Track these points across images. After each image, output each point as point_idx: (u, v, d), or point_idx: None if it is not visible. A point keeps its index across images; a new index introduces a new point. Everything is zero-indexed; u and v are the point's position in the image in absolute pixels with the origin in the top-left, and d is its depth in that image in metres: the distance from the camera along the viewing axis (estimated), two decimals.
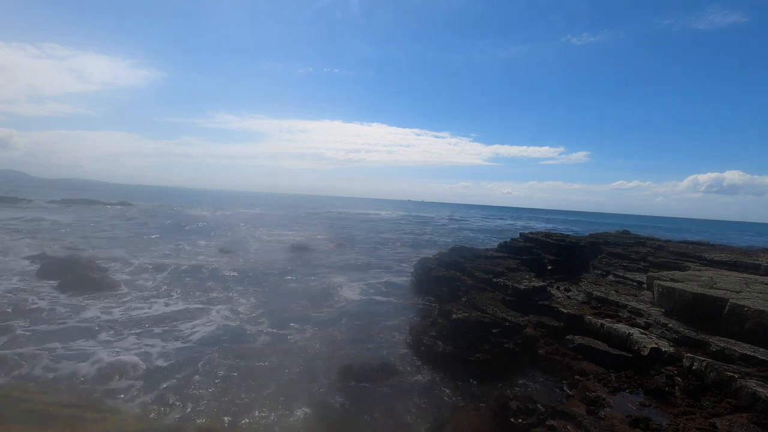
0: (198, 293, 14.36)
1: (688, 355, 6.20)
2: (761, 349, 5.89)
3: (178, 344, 9.72)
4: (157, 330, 10.56)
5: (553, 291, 10.62)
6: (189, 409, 6.92)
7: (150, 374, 8.11)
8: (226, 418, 6.75)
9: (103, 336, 9.90)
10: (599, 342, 7.42)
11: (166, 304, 12.81)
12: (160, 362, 8.68)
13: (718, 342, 6.25)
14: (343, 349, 9.97)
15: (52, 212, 41.39)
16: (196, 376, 8.14)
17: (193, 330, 10.77)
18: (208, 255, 22.62)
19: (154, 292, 14.09)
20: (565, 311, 8.72)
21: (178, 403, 7.08)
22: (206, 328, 11.00)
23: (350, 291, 16.16)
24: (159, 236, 28.66)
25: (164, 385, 7.68)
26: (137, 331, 10.37)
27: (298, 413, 7.01)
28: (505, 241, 17.35)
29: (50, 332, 9.87)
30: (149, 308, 12.34)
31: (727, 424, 4.84)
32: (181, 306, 12.78)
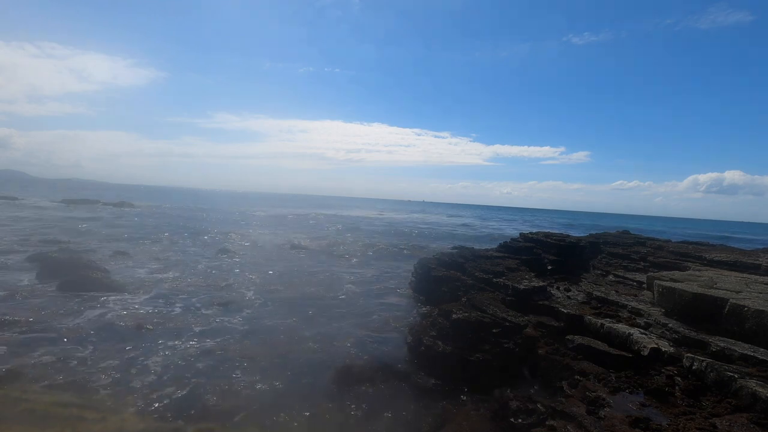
0: (198, 294, 14.36)
1: (688, 355, 6.20)
2: (761, 349, 5.88)
3: (178, 344, 9.71)
4: (157, 330, 10.56)
5: (553, 291, 10.60)
6: (189, 410, 6.92)
7: (150, 374, 8.11)
8: (226, 419, 6.75)
9: (103, 337, 9.90)
10: (599, 342, 7.40)
11: (167, 304, 12.81)
12: (160, 362, 8.67)
13: (718, 342, 6.24)
14: (343, 349, 9.97)
15: (52, 212, 41.39)
16: (197, 377, 8.14)
17: (194, 330, 10.77)
18: (210, 255, 22.62)
19: (155, 293, 14.09)
20: (565, 311, 8.71)
21: (178, 404, 7.08)
22: (207, 328, 11.00)
23: (350, 291, 16.17)
24: (161, 236, 28.68)
25: (164, 385, 7.68)
26: (138, 331, 10.37)
27: (299, 414, 7.01)
28: (505, 241, 17.34)
29: (50, 333, 9.87)
30: (150, 309, 12.33)
31: (727, 424, 4.83)
32: (180, 306, 12.78)
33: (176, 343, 9.78)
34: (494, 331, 8.56)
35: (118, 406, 6.82)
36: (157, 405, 6.98)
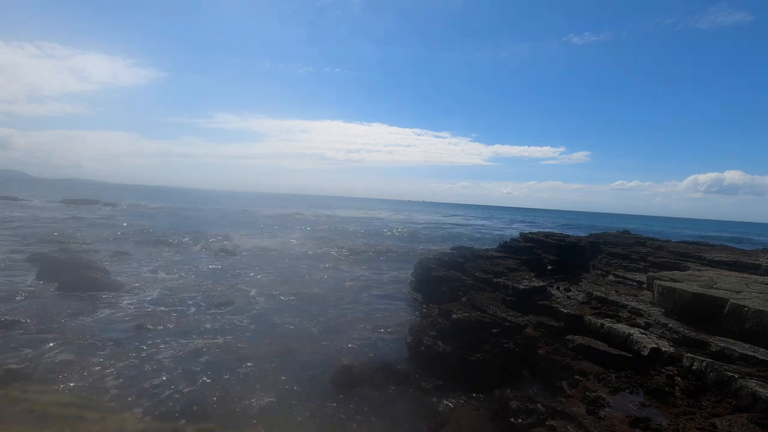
0: (198, 294, 14.36)
1: (688, 355, 6.20)
2: (761, 349, 5.88)
3: (178, 344, 9.71)
4: (158, 330, 10.55)
5: (553, 291, 10.60)
6: (189, 410, 6.92)
7: (150, 374, 8.11)
8: (227, 419, 6.75)
9: (103, 337, 9.90)
10: (599, 342, 7.40)
11: (167, 304, 12.80)
12: (160, 362, 8.67)
13: (718, 342, 6.24)
14: (344, 349, 9.97)
15: (52, 212, 41.40)
16: (197, 377, 8.14)
17: (194, 330, 10.77)
18: (210, 255, 22.63)
19: (156, 293, 14.09)
20: (565, 311, 8.71)
21: (177, 404, 7.08)
22: (207, 328, 11.00)
23: (350, 291, 16.16)
24: (161, 236, 28.65)
25: (164, 386, 7.68)
26: (138, 331, 10.37)
27: (300, 414, 7.01)
28: (505, 241, 17.34)
29: (50, 333, 9.87)
30: (150, 309, 12.33)
31: (727, 424, 4.83)
32: (181, 306, 12.77)
33: (176, 343, 9.77)
34: (494, 331, 8.56)
35: (118, 406, 6.82)
36: (157, 405, 6.98)
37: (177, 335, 10.27)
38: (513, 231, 50.66)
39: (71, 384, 7.49)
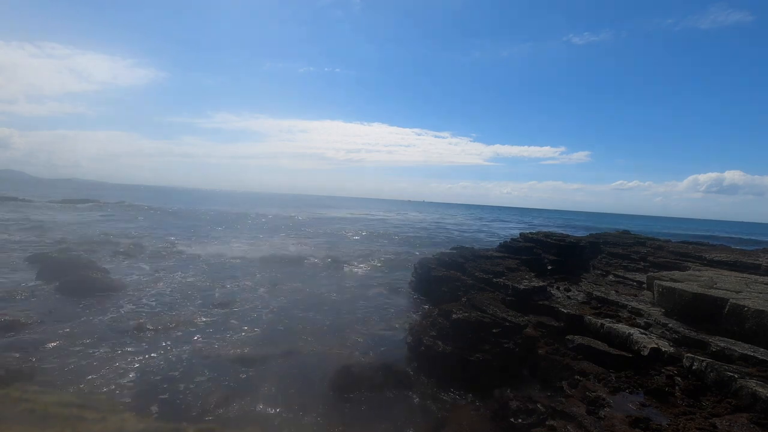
0: (198, 295, 14.36)
1: (688, 355, 6.21)
2: (761, 349, 5.89)
3: (178, 344, 9.71)
4: (158, 330, 10.55)
5: (553, 291, 10.61)
6: (189, 410, 6.92)
7: (150, 374, 8.10)
8: (226, 419, 6.75)
9: (103, 337, 9.89)
10: (599, 342, 7.42)
11: (167, 305, 12.80)
12: (160, 362, 8.67)
13: (718, 342, 6.25)
14: (344, 349, 9.97)
15: (52, 212, 41.40)
16: (197, 377, 8.14)
17: (194, 330, 10.77)
18: (210, 256, 22.62)
19: (156, 293, 14.08)
20: (565, 311, 8.72)
21: (178, 404, 7.09)
22: (207, 328, 10.99)
23: (351, 292, 16.16)
24: (160, 237, 28.66)
25: (165, 386, 7.68)
26: (138, 331, 10.36)
27: (300, 414, 7.01)
28: (505, 241, 17.34)
29: (50, 333, 9.86)
30: (150, 309, 12.33)
31: (727, 424, 4.84)
32: (181, 307, 12.77)
33: (177, 343, 9.77)
34: (494, 331, 8.56)
35: (118, 406, 6.82)
36: (157, 405, 6.98)
37: (177, 335, 10.26)
38: (513, 231, 50.66)
39: (72, 384, 7.48)
